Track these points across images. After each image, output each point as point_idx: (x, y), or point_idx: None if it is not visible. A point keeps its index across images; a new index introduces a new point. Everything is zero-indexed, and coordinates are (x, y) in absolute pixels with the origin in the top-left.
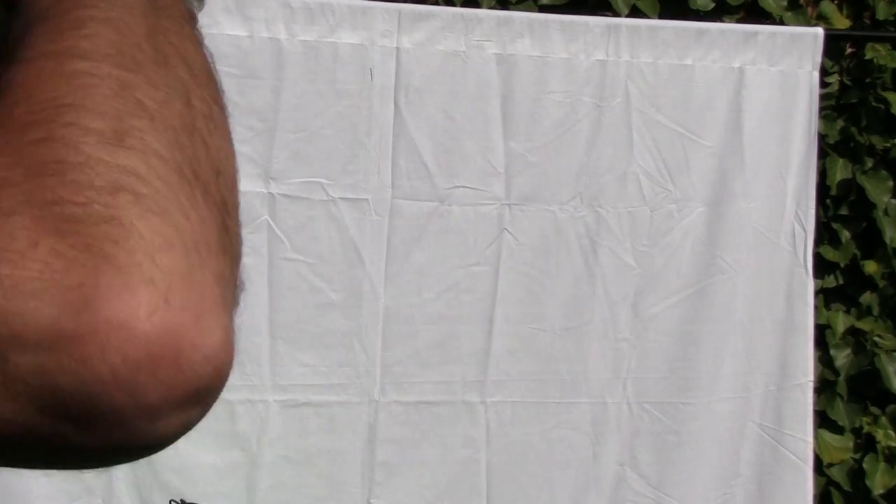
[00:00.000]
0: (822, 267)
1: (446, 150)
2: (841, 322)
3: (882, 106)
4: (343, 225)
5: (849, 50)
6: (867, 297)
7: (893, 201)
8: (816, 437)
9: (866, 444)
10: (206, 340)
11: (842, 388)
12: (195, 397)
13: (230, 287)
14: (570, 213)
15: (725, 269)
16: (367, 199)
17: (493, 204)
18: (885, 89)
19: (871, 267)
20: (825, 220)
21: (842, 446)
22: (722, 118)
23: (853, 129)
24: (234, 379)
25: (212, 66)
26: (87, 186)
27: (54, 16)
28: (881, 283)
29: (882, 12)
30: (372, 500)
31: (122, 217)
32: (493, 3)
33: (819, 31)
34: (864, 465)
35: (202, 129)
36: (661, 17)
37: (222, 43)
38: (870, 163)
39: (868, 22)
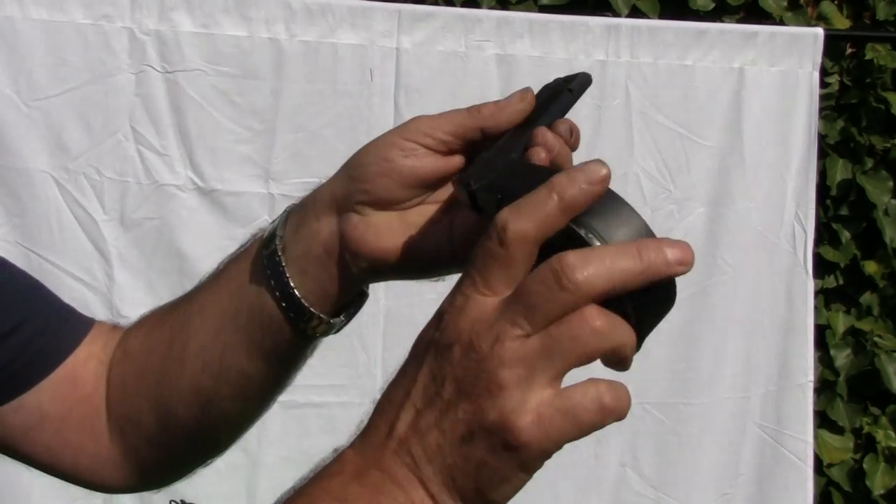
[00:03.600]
0: (822, 267)
1: None
2: (841, 322)
3: (882, 106)
4: None
5: (849, 50)
6: (867, 298)
7: (893, 201)
8: (817, 437)
9: (866, 444)
10: None
11: (842, 388)
12: None
13: None
14: None
15: (726, 269)
16: None
17: None
18: (885, 89)
19: (871, 267)
20: (825, 220)
21: (842, 446)
22: (722, 118)
23: (853, 130)
24: None
25: None
26: None
27: None
28: (881, 284)
29: (882, 12)
30: None
31: None
32: (493, 3)
33: (819, 31)
34: (865, 466)
35: None
36: (661, 17)
37: (222, 43)
38: (870, 163)
39: (868, 22)
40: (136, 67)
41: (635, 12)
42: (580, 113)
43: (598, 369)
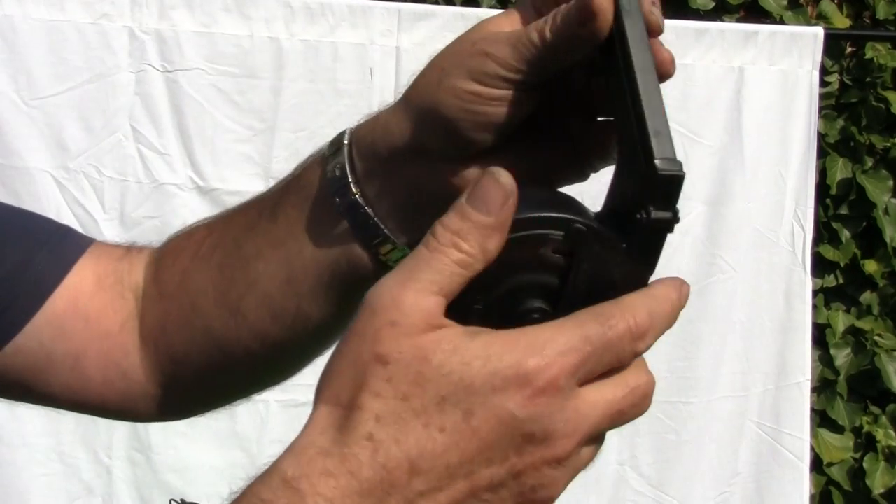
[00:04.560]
0: (822, 266)
1: None
2: (841, 321)
3: (882, 105)
4: None
5: (849, 49)
6: (867, 297)
7: (893, 200)
8: (816, 436)
9: (866, 443)
10: None
11: (842, 387)
12: None
13: None
14: None
15: (725, 268)
16: None
17: None
18: (884, 88)
19: (871, 266)
20: (825, 219)
21: (842, 446)
22: (722, 118)
23: (853, 129)
24: None
25: None
26: None
27: None
28: (881, 283)
29: (882, 12)
30: None
31: None
32: (494, 2)
33: (819, 30)
34: (865, 465)
35: None
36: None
37: (222, 42)
38: (870, 162)
39: (868, 21)
40: (136, 66)
41: None
42: None
43: None
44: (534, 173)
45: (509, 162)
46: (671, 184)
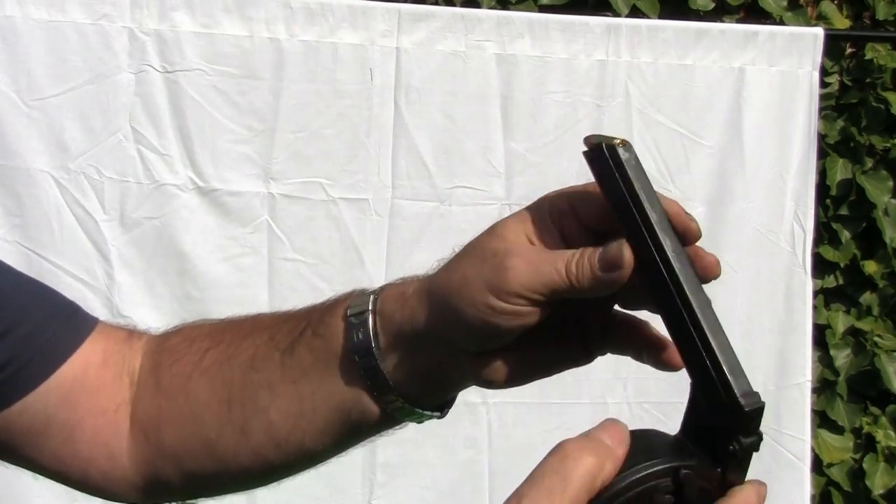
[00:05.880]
0: (822, 267)
1: (446, 150)
2: (841, 322)
3: (882, 106)
4: (343, 225)
5: (849, 50)
6: (867, 297)
7: (893, 201)
8: (816, 437)
9: (866, 444)
10: None
11: (842, 388)
12: None
13: None
14: None
15: (725, 269)
16: (367, 199)
17: (494, 204)
18: (884, 89)
19: (871, 267)
20: (825, 220)
21: (842, 446)
22: (722, 118)
23: (853, 130)
24: None
25: None
26: None
27: None
28: (881, 283)
29: (882, 12)
30: (373, 502)
31: None
32: (493, 3)
33: (819, 31)
34: (864, 465)
35: None
36: (661, 17)
37: (222, 43)
38: (870, 163)
39: (868, 22)
40: (136, 67)
41: (635, 12)
42: (580, 112)
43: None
44: (546, 360)
45: (523, 351)
46: (757, 416)
